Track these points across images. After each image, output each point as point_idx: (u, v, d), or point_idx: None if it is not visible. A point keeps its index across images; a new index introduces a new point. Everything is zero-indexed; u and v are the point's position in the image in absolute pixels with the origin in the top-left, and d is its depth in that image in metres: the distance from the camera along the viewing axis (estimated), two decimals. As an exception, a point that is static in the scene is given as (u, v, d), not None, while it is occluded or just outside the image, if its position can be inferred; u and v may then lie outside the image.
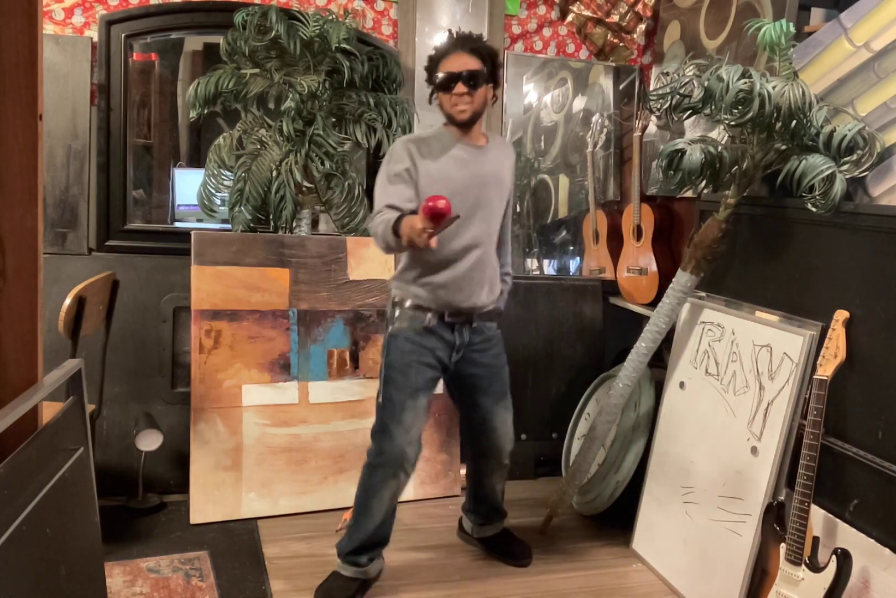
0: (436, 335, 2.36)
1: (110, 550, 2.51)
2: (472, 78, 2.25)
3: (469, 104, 2.27)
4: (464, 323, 2.39)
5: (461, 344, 2.40)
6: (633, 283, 3.30)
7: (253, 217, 3.02)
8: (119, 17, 3.02)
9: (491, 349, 2.47)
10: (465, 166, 2.33)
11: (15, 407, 1.35)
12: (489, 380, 2.48)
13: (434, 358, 2.37)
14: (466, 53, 2.27)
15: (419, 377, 2.36)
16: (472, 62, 2.26)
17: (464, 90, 2.25)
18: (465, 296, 2.36)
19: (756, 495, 2.25)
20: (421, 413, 2.39)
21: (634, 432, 2.86)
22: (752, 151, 2.33)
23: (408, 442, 2.36)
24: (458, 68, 2.25)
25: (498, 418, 2.51)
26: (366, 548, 2.42)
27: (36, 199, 1.48)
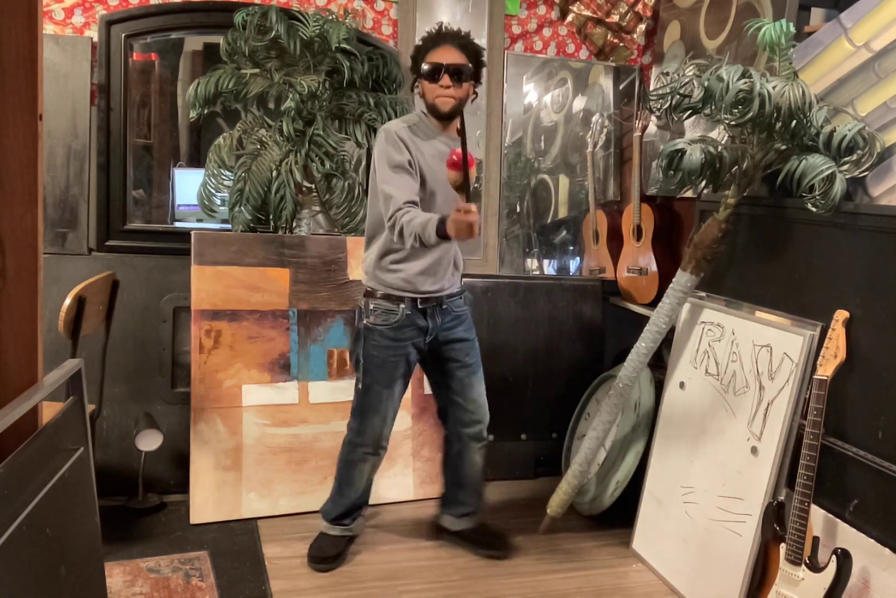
0: (410, 326, 2.46)
1: (110, 550, 2.51)
2: (459, 72, 2.32)
3: (453, 97, 2.34)
4: (435, 307, 2.49)
5: (434, 327, 2.50)
6: (633, 283, 3.30)
7: (253, 217, 3.02)
8: (119, 17, 3.02)
9: (461, 325, 2.57)
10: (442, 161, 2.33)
11: (15, 407, 1.35)
12: (464, 353, 2.57)
13: (411, 347, 2.50)
14: (455, 48, 2.33)
15: (396, 370, 2.50)
16: (459, 57, 2.33)
17: (449, 83, 2.31)
18: (437, 279, 2.47)
19: (756, 496, 2.25)
20: (398, 396, 2.56)
21: (634, 432, 2.86)
22: (752, 151, 2.33)
23: (384, 425, 2.55)
24: (447, 60, 2.32)
25: (475, 389, 2.61)
26: (349, 512, 2.65)
27: (36, 199, 1.48)
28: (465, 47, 2.35)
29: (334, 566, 2.58)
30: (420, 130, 2.42)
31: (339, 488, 2.66)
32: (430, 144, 2.40)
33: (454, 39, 2.35)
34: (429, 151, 2.39)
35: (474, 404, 2.62)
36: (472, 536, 2.73)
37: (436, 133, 2.42)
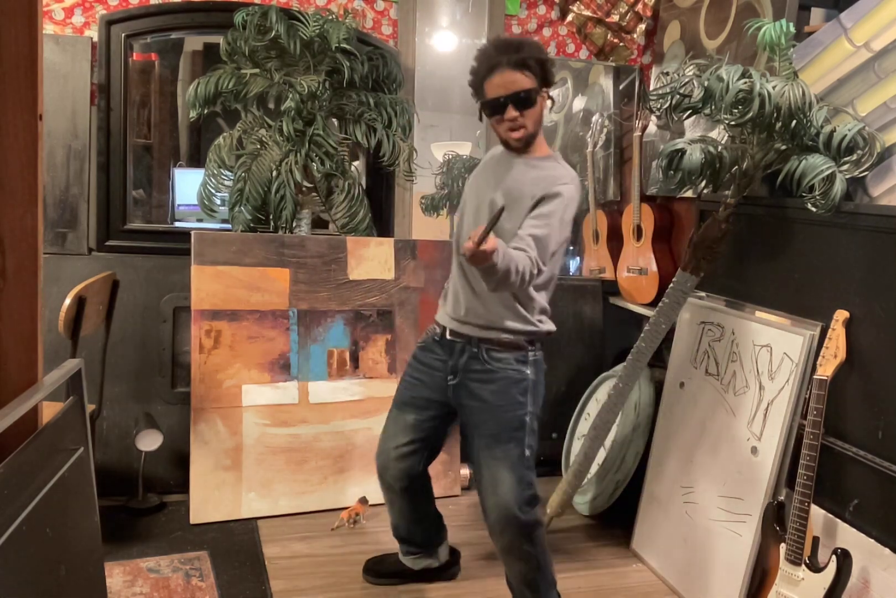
0: (433, 353, 2.25)
1: (110, 550, 2.51)
2: (524, 98, 2.03)
3: (523, 127, 2.06)
4: (464, 345, 2.17)
5: (454, 366, 2.18)
6: (633, 283, 3.30)
7: (253, 217, 3.02)
8: (119, 17, 3.02)
9: (491, 383, 2.14)
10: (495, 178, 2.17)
11: (15, 407, 1.35)
12: (481, 417, 2.15)
13: (429, 377, 2.24)
14: (512, 69, 2.01)
15: (406, 392, 2.32)
16: (521, 80, 2.01)
17: (515, 114, 2.03)
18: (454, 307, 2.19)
19: (756, 496, 2.25)
20: (405, 428, 2.28)
21: (634, 432, 2.86)
22: (752, 151, 2.33)
23: (384, 451, 2.33)
24: (507, 90, 2.01)
25: (485, 468, 2.14)
26: (402, 541, 2.51)
27: (36, 199, 1.48)
28: (523, 64, 2.01)
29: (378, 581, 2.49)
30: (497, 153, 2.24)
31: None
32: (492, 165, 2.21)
33: (511, 58, 2.00)
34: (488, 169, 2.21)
35: (483, 487, 2.14)
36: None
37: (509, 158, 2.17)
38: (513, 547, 2.15)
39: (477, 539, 2.63)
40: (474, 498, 2.62)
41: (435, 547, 2.52)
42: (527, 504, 2.11)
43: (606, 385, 3.16)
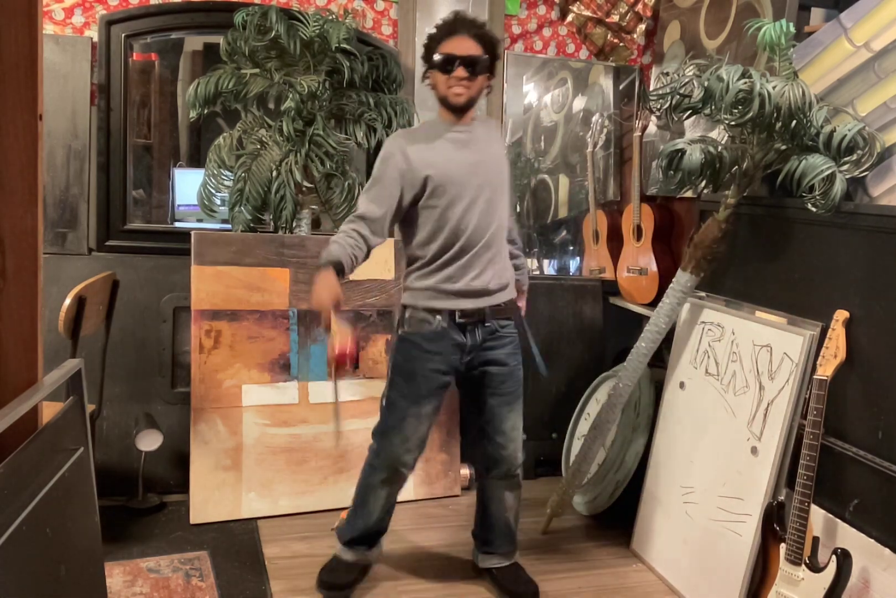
0: (446, 339, 2.27)
1: (110, 550, 2.51)
2: (474, 64, 2.18)
3: (466, 89, 2.20)
4: (476, 323, 2.28)
5: (473, 345, 2.30)
6: (633, 283, 3.30)
7: (253, 217, 3.02)
8: (119, 17, 3.02)
9: (503, 348, 2.33)
10: (465, 147, 2.27)
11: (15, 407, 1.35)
12: (500, 379, 2.34)
13: (444, 363, 2.29)
14: (470, 38, 2.19)
15: (424, 386, 2.30)
16: (474, 48, 2.19)
17: (464, 75, 2.17)
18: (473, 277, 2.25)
19: (756, 496, 2.25)
20: (424, 420, 2.33)
21: (634, 432, 2.86)
22: (752, 151, 2.33)
23: (406, 450, 2.34)
24: (461, 52, 2.17)
25: (507, 422, 2.37)
26: (365, 538, 2.46)
27: (36, 199, 1.48)
28: (481, 38, 2.20)
29: (343, 594, 2.42)
30: (426, 128, 2.35)
31: (354, 509, 2.46)
32: (441, 137, 2.26)
33: (470, 29, 2.20)
34: (438, 142, 2.25)
35: (503, 437, 2.37)
36: (501, 579, 2.49)
37: (446, 127, 2.28)
38: (515, 482, 2.47)
39: (477, 539, 2.63)
40: (474, 498, 2.63)
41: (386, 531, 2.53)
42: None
43: (606, 385, 3.16)
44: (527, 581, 2.50)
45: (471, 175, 2.25)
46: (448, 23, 2.24)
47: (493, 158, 2.34)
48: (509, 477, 2.45)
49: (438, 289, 2.27)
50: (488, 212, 2.27)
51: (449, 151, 2.25)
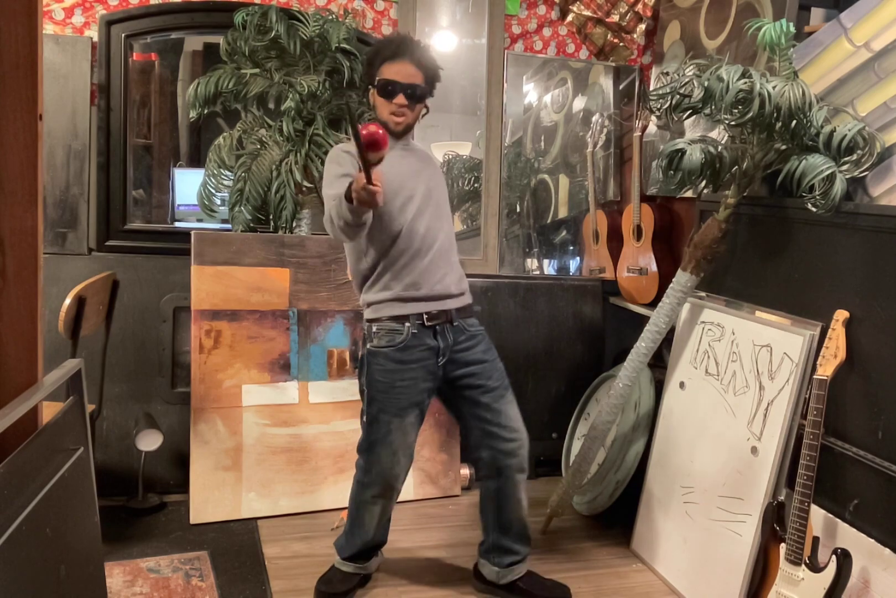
0: (418, 346, 2.25)
1: (110, 550, 2.51)
2: (415, 92, 2.22)
3: (404, 116, 2.24)
4: (444, 323, 2.28)
5: (446, 346, 2.28)
6: (633, 283, 3.30)
7: (253, 217, 3.02)
8: (119, 17, 3.02)
9: (477, 346, 2.35)
10: (407, 157, 2.31)
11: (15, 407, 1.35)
12: (485, 376, 2.33)
13: (421, 370, 2.27)
14: (413, 65, 2.21)
15: (404, 397, 2.26)
16: (416, 76, 2.21)
17: (404, 102, 2.21)
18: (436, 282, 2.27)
19: (756, 496, 2.25)
20: (410, 430, 2.31)
21: (634, 432, 2.86)
22: (752, 151, 2.33)
23: (395, 462, 2.31)
24: (403, 79, 2.20)
25: (507, 414, 2.36)
26: (363, 552, 2.45)
27: (36, 199, 1.48)
28: (423, 66, 2.23)
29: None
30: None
31: (350, 527, 2.44)
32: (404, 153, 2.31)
33: (414, 55, 2.22)
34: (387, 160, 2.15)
35: (510, 429, 2.35)
36: (530, 588, 2.43)
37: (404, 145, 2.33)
38: (523, 471, 2.41)
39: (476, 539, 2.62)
40: (474, 498, 2.63)
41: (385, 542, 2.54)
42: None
43: (606, 385, 3.16)
44: (554, 585, 2.47)
45: (417, 180, 2.29)
46: (393, 44, 2.25)
47: (433, 168, 2.40)
48: (522, 470, 2.40)
49: (402, 297, 2.25)
50: (439, 216, 2.33)
51: (393, 158, 2.20)
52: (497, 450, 2.36)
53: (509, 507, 2.40)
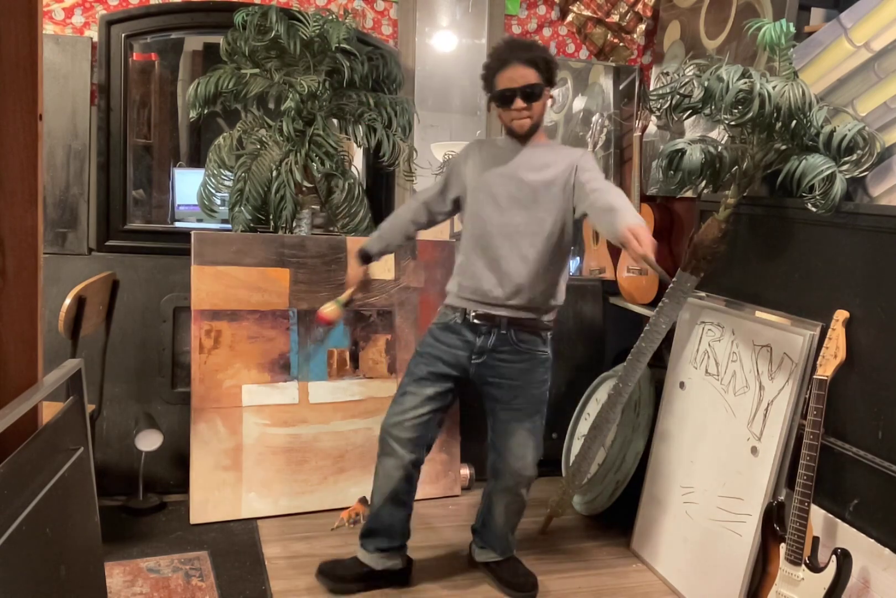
0: (457, 334, 2.37)
1: (110, 550, 2.51)
2: (531, 92, 2.22)
3: (529, 118, 2.26)
4: (491, 327, 2.34)
5: (482, 347, 2.34)
6: (633, 283, 3.30)
7: (253, 217, 3.02)
8: (119, 17, 3.02)
9: (520, 363, 2.35)
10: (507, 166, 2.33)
11: (15, 407, 1.35)
12: (511, 394, 2.36)
13: (450, 355, 2.36)
14: (523, 65, 2.21)
15: (423, 368, 2.38)
16: (529, 74, 2.21)
17: (522, 105, 2.22)
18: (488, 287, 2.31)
19: (756, 496, 2.25)
20: (423, 401, 2.36)
21: (634, 432, 2.86)
22: (752, 151, 2.33)
23: (397, 422, 2.37)
24: (517, 83, 2.21)
25: (513, 438, 2.37)
26: (371, 533, 2.45)
27: (36, 199, 1.48)
28: (533, 62, 2.22)
29: (335, 587, 2.42)
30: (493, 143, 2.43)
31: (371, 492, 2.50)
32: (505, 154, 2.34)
33: (521, 55, 2.22)
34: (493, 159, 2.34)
35: (508, 452, 2.38)
36: (499, 572, 2.53)
37: (514, 147, 2.34)
38: (518, 498, 2.46)
39: (477, 539, 2.63)
40: (474, 498, 2.63)
41: (404, 546, 2.50)
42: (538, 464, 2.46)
43: (606, 385, 3.16)
44: (525, 573, 2.54)
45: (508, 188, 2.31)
46: (500, 52, 2.27)
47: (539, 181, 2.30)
48: (512, 493, 2.44)
49: (454, 292, 2.40)
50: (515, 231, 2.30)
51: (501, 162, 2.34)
52: (494, 463, 2.45)
53: (493, 513, 2.51)
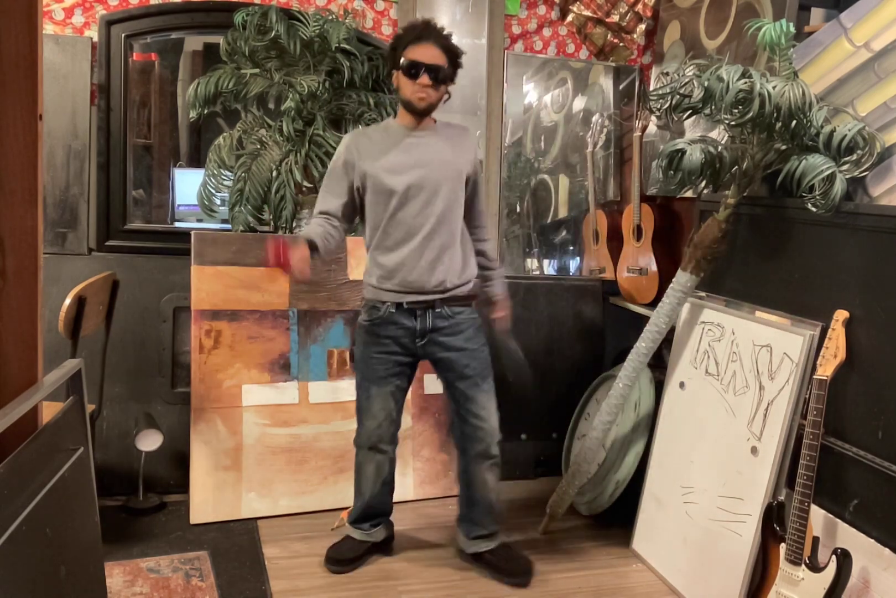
0: (395, 324, 2.43)
1: (110, 550, 2.51)
2: (439, 73, 2.31)
3: (429, 96, 2.33)
4: (425, 308, 2.42)
5: (423, 329, 2.43)
6: (633, 283, 3.30)
7: (253, 217, 3.02)
8: (119, 17, 3.02)
9: (462, 333, 2.46)
10: (412, 149, 2.39)
11: (15, 407, 1.35)
12: (463, 363, 2.46)
13: (396, 345, 2.44)
14: (437, 47, 2.31)
15: (379, 367, 2.46)
16: (440, 57, 2.31)
17: (427, 82, 2.30)
18: (416, 277, 2.39)
19: (756, 496, 2.25)
20: (389, 398, 2.49)
21: (634, 432, 2.86)
22: (752, 151, 2.33)
23: (376, 426, 2.51)
24: (428, 60, 2.29)
25: (477, 402, 2.48)
26: (366, 517, 2.64)
27: (36, 199, 1.48)
28: (446, 48, 2.32)
29: (348, 568, 2.57)
30: (382, 129, 2.47)
31: (355, 489, 2.65)
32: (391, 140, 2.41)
33: (438, 38, 2.32)
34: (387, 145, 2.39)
35: (477, 418, 2.49)
36: (492, 560, 2.58)
37: (399, 130, 2.42)
38: (494, 458, 2.54)
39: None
40: (474, 498, 2.63)
41: (390, 514, 2.71)
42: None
43: (606, 385, 3.16)
44: (518, 557, 2.62)
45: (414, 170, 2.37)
46: (417, 28, 2.36)
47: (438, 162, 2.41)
48: (488, 457, 2.54)
49: (380, 287, 2.43)
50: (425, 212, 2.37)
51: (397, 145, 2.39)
52: (465, 433, 2.53)
53: (475, 485, 2.57)
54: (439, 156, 2.41)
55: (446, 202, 2.40)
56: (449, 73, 2.34)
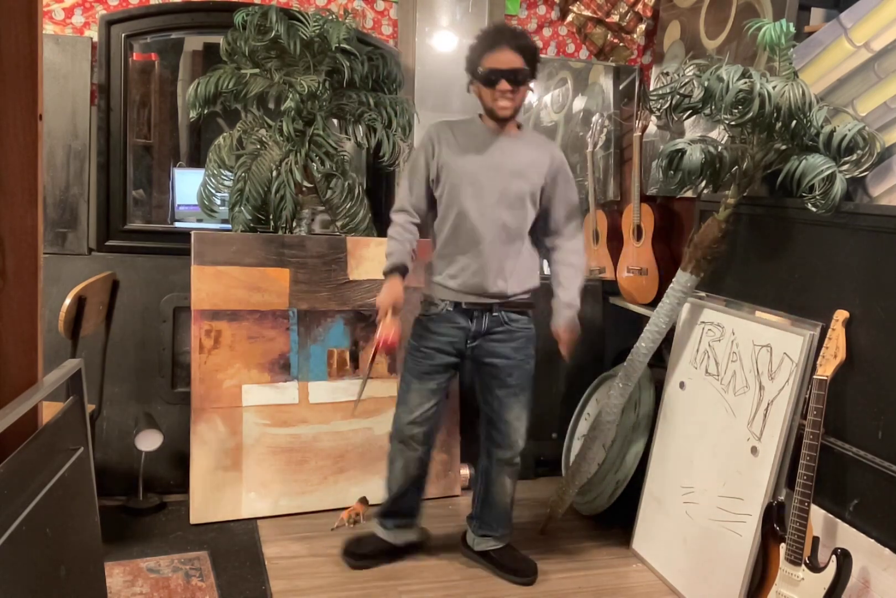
0: (450, 322, 2.44)
1: (110, 550, 2.51)
2: (517, 76, 2.29)
3: (511, 101, 2.32)
4: (483, 311, 2.43)
5: (477, 331, 2.44)
6: (633, 283, 3.30)
7: (253, 217, 3.02)
8: (119, 17, 3.02)
9: (512, 342, 2.47)
10: (486, 154, 2.39)
11: (15, 407, 1.35)
12: (506, 371, 2.47)
13: (447, 344, 2.45)
14: (511, 50, 2.28)
15: (425, 362, 2.47)
16: (517, 60, 2.28)
17: (508, 88, 2.29)
18: (480, 280, 2.40)
19: (756, 496, 2.25)
20: (428, 395, 2.49)
21: (634, 432, 2.86)
22: (752, 151, 2.33)
23: (410, 420, 2.50)
24: (505, 65, 2.28)
25: (512, 412, 2.50)
26: (390, 514, 2.63)
27: (36, 199, 1.48)
28: (522, 49, 2.29)
29: (360, 564, 2.58)
30: (466, 126, 2.45)
31: (385, 482, 2.64)
32: (474, 142, 2.40)
33: (511, 40, 2.29)
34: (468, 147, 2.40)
35: (507, 426, 2.51)
36: (500, 559, 2.61)
37: (483, 133, 2.41)
38: (516, 466, 2.59)
39: (477, 539, 2.63)
40: (474, 498, 2.63)
41: (419, 518, 2.68)
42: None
43: (606, 385, 3.16)
44: (525, 559, 2.63)
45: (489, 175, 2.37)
46: (490, 34, 2.34)
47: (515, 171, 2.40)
48: (511, 464, 2.58)
49: (442, 284, 2.45)
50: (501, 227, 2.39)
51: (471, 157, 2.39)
52: (493, 438, 2.55)
53: (494, 488, 2.60)
54: (515, 164, 2.40)
55: (515, 209, 2.40)
56: (528, 73, 2.32)
